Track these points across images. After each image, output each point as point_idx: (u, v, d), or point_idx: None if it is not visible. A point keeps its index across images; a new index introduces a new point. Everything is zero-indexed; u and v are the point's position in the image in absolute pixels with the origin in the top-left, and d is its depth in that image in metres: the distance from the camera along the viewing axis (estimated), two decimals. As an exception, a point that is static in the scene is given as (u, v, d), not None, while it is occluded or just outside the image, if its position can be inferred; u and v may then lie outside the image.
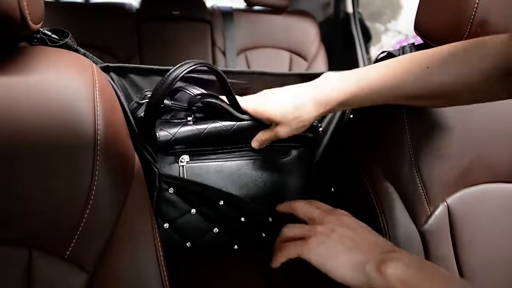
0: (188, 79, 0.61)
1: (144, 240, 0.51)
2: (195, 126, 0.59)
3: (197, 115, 0.62)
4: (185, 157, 0.61)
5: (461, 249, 0.61)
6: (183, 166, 0.61)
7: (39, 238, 0.45)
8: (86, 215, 0.46)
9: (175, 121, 0.60)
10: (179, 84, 0.60)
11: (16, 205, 0.44)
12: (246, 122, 0.62)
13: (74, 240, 0.46)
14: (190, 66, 0.55)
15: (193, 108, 0.60)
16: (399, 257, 0.44)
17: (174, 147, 0.60)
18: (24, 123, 0.43)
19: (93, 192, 0.46)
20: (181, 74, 0.55)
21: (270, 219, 0.66)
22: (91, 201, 0.46)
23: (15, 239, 0.45)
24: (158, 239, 0.53)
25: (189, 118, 0.60)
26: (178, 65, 0.56)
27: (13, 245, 0.45)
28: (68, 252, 0.46)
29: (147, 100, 0.57)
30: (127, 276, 0.49)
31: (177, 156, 0.61)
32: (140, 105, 0.60)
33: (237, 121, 0.61)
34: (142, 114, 0.59)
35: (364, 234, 0.50)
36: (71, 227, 0.45)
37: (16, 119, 0.43)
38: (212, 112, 0.62)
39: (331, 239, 0.49)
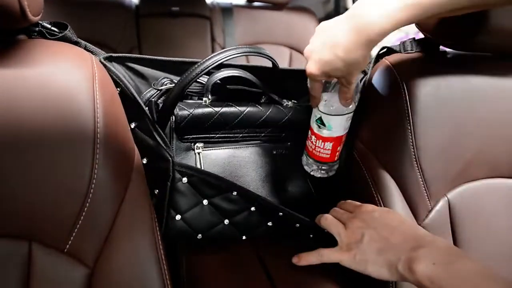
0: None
1: (144, 232, 0.51)
2: (210, 106, 0.62)
3: (212, 97, 0.64)
4: (200, 145, 0.64)
5: (462, 243, 0.61)
6: (199, 153, 0.64)
7: (39, 231, 0.45)
8: (86, 208, 0.45)
9: (191, 102, 0.63)
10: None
11: (15, 198, 0.43)
12: (255, 107, 0.65)
13: (74, 234, 0.46)
14: (232, 55, 0.58)
15: (210, 88, 0.63)
16: (427, 255, 0.47)
17: (190, 130, 0.62)
18: (23, 116, 0.43)
19: (93, 185, 0.46)
20: (214, 64, 0.56)
21: (281, 214, 0.67)
22: (91, 194, 0.45)
23: (15, 232, 0.45)
24: (158, 233, 0.53)
25: (205, 99, 0.63)
26: (217, 53, 0.57)
27: (13, 238, 0.45)
28: (68, 246, 0.46)
29: (166, 86, 0.61)
30: (127, 269, 0.49)
31: (192, 143, 0.64)
32: (159, 91, 0.62)
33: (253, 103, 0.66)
34: (154, 99, 0.61)
35: (393, 229, 0.53)
36: (71, 220, 0.45)
37: (15, 112, 0.43)
38: (227, 94, 0.65)
39: (363, 246, 0.53)
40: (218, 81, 0.64)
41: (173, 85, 0.59)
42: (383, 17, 0.47)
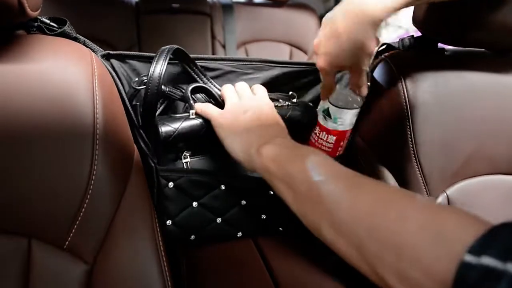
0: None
1: (144, 230, 0.51)
2: (198, 120, 0.59)
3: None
4: (188, 153, 0.62)
5: (461, 240, 0.61)
6: (187, 162, 0.61)
7: (38, 227, 0.45)
8: (85, 205, 0.45)
9: (177, 115, 0.59)
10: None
11: (15, 194, 0.43)
12: None
13: (73, 230, 0.45)
14: (166, 58, 0.56)
15: (192, 98, 0.60)
16: (278, 142, 0.48)
17: (177, 143, 0.60)
18: (22, 112, 0.43)
19: (92, 182, 0.45)
20: (164, 69, 0.55)
21: (272, 192, 0.65)
22: (90, 191, 0.45)
23: (14, 229, 0.44)
24: (158, 230, 0.53)
25: (192, 111, 0.59)
26: (156, 58, 0.56)
27: (12, 234, 0.44)
28: (67, 243, 0.46)
29: (144, 86, 0.57)
30: (127, 265, 0.48)
31: (180, 152, 0.61)
32: (137, 91, 0.59)
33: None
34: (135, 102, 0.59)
35: (268, 120, 0.54)
36: (70, 216, 0.45)
37: (14, 107, 0.42)
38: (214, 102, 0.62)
39: (239, 118, 0.53)
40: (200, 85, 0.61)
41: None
42: None
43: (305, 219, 0.41)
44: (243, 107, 0.55)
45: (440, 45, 0.67)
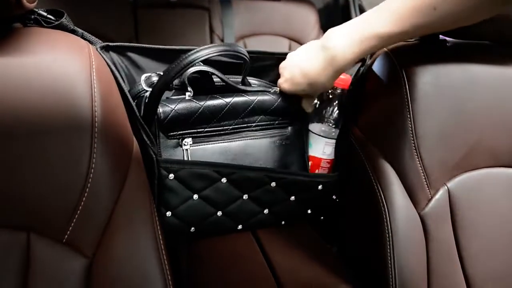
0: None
1: (143, 224, 0.51)
2: (194, 100, 0.60)
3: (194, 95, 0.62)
4: (188, 140, 0.61)
5: (461, 232, 0.61)
6: (187, 149, 0.61)
7: (37, 221, 0.45)
8: (84, 198, 0.45)
9: (174, 97, 0.60)
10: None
11: (13, 188, 0.43)
12: (242, 96, 0.63)
13: (72, 224, 0.45)
14: (212, 52, 0.56)
15: (189, 78, 0.60)
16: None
17: (175, 126, 0.60)
18: (20, 105, 0.42)
19: (91, 175, 0.45)
20: (199, 60, 0.55)
21: (274, 184, 0.65)
22: (89, 184, 0.45)
23: (13, 222, 0.44)
24: (158, 223, 0.53)
25: (187, 93, 0.60)
26: (199, 48, 0.56)
27: (11, 228, 0.44)
28: (66, 236, 0.45)
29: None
30: (126, 259, 0.48)
31: (180, 139, 0.61)
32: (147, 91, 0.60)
33: (235, 92, 0.63)
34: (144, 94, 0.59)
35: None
36: (69, 210, 0.45)
37: (11, 101, 0.42)
38: (210, 86, 0.63)
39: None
40: (197, 75, 0.62)
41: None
42: (346, 49, 0.53)
43: None
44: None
45: (441, 36, 0.66)
